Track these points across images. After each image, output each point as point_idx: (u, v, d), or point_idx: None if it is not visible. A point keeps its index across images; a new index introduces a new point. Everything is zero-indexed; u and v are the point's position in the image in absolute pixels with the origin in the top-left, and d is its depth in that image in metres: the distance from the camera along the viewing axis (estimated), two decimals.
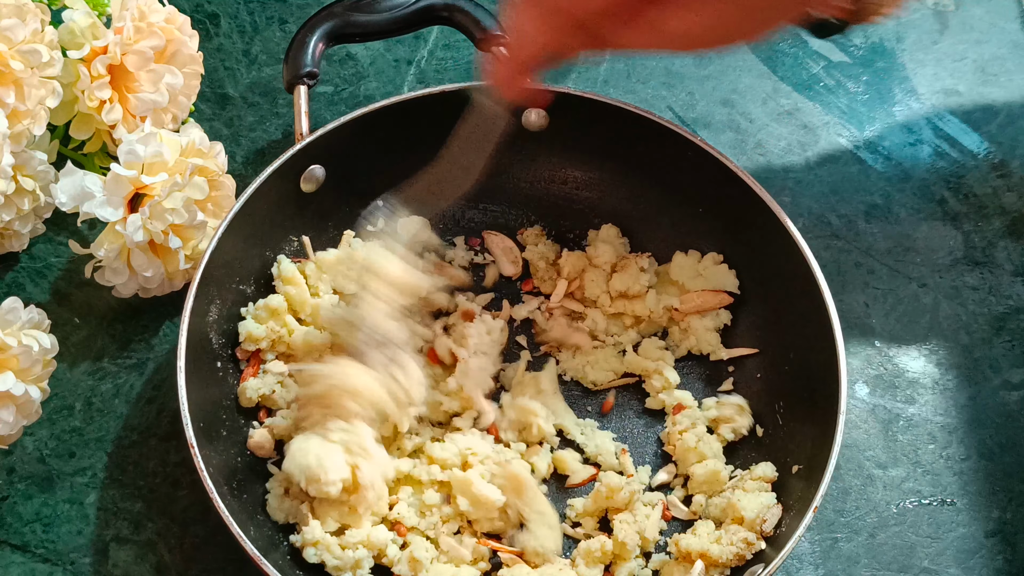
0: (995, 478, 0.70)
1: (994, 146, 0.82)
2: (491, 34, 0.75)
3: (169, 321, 0.73)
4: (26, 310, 0.63)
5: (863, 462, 0.70)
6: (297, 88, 0.73)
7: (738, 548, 0.61)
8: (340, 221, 0.73)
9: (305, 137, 0.70)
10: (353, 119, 0.70)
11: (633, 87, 0.84)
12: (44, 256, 0.75)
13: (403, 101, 0.71)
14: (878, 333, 0.74)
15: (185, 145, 0.68)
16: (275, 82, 0.83)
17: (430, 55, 0.85)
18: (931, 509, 0.69)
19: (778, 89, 0.85)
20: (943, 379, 0.73)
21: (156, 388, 0.71)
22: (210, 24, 0.85)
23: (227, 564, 0.65)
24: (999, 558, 0.67)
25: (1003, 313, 0.75)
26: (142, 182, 0.66)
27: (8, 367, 0.61)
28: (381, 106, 0.71)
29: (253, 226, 0.69)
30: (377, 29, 0.75)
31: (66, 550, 0.65)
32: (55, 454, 0.68)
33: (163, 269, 0.69)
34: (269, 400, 0.68)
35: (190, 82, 0.74)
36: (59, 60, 0.69)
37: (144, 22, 0.70)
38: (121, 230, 0.66)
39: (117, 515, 0.67)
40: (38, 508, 0.67)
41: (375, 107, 0.71)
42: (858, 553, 0.67)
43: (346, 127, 0.70)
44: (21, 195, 0.69)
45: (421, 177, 0.64)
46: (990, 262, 0.77)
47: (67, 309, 0.73)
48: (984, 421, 0.72)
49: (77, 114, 0.72)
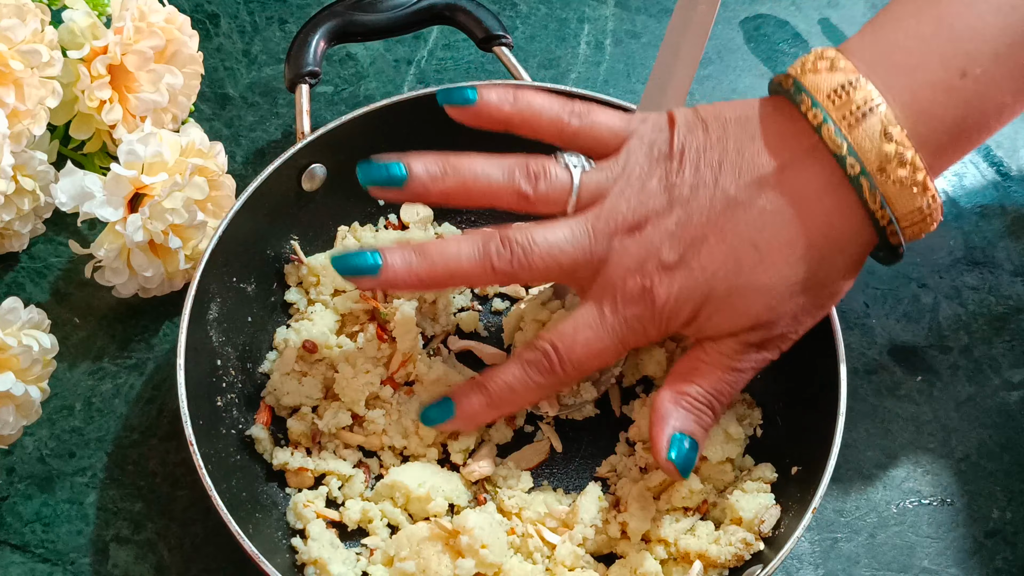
0: (995, 478, 0.70)
1: (994, 146, 0.82)
2: (492, 34, 0.75)
3: (169, 321, 0.73)
4: (26, 310, 0.63)
5: (863, 462, 0.70)
6: (299, 87, 0.73)
7: (736, 549, 0.61)
8: (341, 219, 0.74)
9: (306, 136, 0.70)
10: (353, 118, 0.70)
11: (633, 87, 0.84)
12: (44, 256, 0.75)
13: (403, 101, 0.71)
14: (878, 333, 0.74)
15: (185, 145, 0.68)
16: (275, 82, 0.83)
17: (430, 55, 0.85)
18: (931, 509, 0.69)
19: None
20: (943, 379, 0.73)
21: (156, 388, 0.71)
22: (210, 24, 0.85)
23: (227, 564, 0.65)
24: (999, 558, 0.67)
25: (1003, 313, 0.75)
26: (142, 182, 0.66)
27: (8, 367, 0.61)
28: (381, 106, 0.71)
29: (253, 226, 0.69)
30: (379, 28, 0.75)
31: (66, 550, 0.65)
32: (55, 454, 0.68)
33: (163, 269, 0.69)
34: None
35: (190, 82, 0.74)
36: (59, 60, 0.69)
37: (144, 22, 0.70)
38: (121, 230, 0.66)
39: (117, 515, 0.67)
40: (38, 508, 0.67)
41: (375, 107, 0.71)
42: (858, 553, 0.67)
43: (347, 126, 0.70)
44: (21, 195, 0.69)
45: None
46: (990, 262, 0.77)
47: (67, 309, 0.73)
48: (984, 421, 0.71)
49: (77, 114, 0.72)
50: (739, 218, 0.57)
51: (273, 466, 0.66)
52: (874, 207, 0.55)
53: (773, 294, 0.57)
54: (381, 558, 0.62)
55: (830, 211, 0.56)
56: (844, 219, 0.56)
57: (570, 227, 0.58)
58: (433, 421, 0.62)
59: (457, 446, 0.66)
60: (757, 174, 0.57)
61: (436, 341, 0.71)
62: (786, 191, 0.56)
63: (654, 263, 0.57)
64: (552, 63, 0.85)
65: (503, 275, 0.58)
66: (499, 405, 0.60)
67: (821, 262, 0.57)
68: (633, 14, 0.88)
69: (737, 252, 0.57)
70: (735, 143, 0.58)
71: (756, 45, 0.87)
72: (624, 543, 0.64)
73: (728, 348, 0.59)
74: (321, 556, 0.63)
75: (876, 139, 0.55)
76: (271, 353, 0.70)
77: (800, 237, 0.56)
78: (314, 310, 0.70)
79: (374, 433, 0.67)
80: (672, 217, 0.57)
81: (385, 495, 0.65)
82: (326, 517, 0.65)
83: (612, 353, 0.59)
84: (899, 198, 0.55)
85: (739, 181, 0.57)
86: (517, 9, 0.88)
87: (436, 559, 0.60)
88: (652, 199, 0.58)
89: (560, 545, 0.63)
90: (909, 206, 0.56)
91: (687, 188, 0.57)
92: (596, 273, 0.58)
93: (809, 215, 0.56)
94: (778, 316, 0.58)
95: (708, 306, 0.57)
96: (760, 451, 0.67)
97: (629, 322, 0.58)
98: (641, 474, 0.66)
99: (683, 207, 0.57)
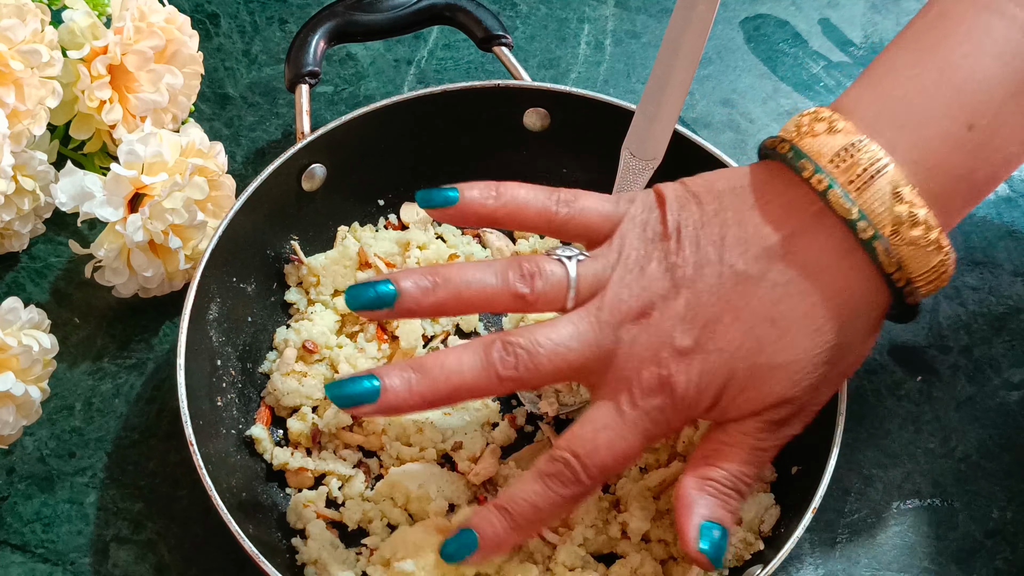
0: (995, 478, 0.70)
1: None
2: (492, 34, 0.75)
3: (169, 321, 0.73)
4: (26, 310, 0.63)
5: (863, 462, 0.70)
6: (299, 87, 0.73)
7: (736, 548, 0.61)
8: (341, 219, 0.74)
9: (306, 136, 0.70)
10: (353, 118, 0.70)
11: (633, 87, 0.84)
12: (44, 256, 0.75)
13: (403, 101, 0.71)
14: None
15: (185, 145, 0.68)
16: (275, 82, 0.83)
17: (430, 55, 0.85)
18: (931, 509, 0.69)
19: (778, 89, 0.85)
20: (943, 379, 0.73)
21: (156, 388, 0.71)
22: (210, 24, 0.85)
23: (227, 564, 0.65)
24: (999, 558, 0.67)
25: (1003, 313, 0.75)
26: (142, 182, 0.66)
27: (8, 367, 0.61)
28: (381, 106, 0.71)
29: (253, 225, 0.69)
30: (379, 28, 0.75)
31: (66, 550, 0.65)
32: (55, 454, 0.68)
33: (163, 269, 0.69)
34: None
35: (190, 82, 0.74)
36: (59, 60, 0.69)
37: (144, 22, 0.70)
38: (121, 230, 0.66)
39: (117, 515, 0.67)
40: (38, 508, 0.67)
41: (375, 107, 0.71)
42: (858, 553, 0.67)
43: (347, 126, 0.70)
44: (21, 195, 0.69)
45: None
46: (990, 262, 0.77)
47: (67, 309, 0.73)
48: (984, 421, 0.71)
49: (77, 114, 0.72)
50: (752, 293, 0.54)
51: (273, 466, 0.66)
52: (890, 269, 0.53)
53: (796, 369, 0.55)
54: (380, 559, 0.62)
55: (846, 276, 0.54)
56: (860, 283, 0.54)
57: (573, 323, 0.55)
58: (455, 557, 0.56)
59: (463, 454, 0.66)
60: (764, 245, 0.54)
61: (436, 341, 0.71)
62: (798, 261, 0.54)
63: (668, 350, 0.54)
64: (552, 63, 0.85)
65: (510, 382, 0.55)
66: (525, 527, 0.56)
67: (841, 330, 0.55)
68: (633, 14, 0.88)
69: (755, 330, 0.54)
70: (734, 215, 0.55)
71: (756, 45, 0.87)
72: (624, 543, 0.64)
73: (751, 428, 0.56)
74: (321, 556, 0.63)
75: (887, 201, 0.53)
76: (271, 353, 0.70)
77: (818, 307, 0.54)
78: (314, 310, 0.70)
79: (374, 433, 0.67)
80: (680, 300, 0.55)
81: (385, 495, 0.65)
82: (326, 517, 0.65)
83: (637, 450, 0.55)
84: (914, 258, 0.54)
85: (746, 255, 0.55)
86: (517, 9, 0.88)
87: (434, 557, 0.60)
88: (654, 283, 0.55)
89: (560, 545, 0.63)
90: (925, 265, 0.54)
91: (690, 268, 0.55)
92: (607, 368, 0.55)
93: (824, 283, 0.54)
94: (802, 391, 0.55)
95: (731, 388, 0.55)
96: None
97: (651, 415, 0.55)
98: (641, 474, 0.66)
99: (690, 288, 0.55)
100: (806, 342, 0.54)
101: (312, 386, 0.68)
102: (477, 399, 0.64)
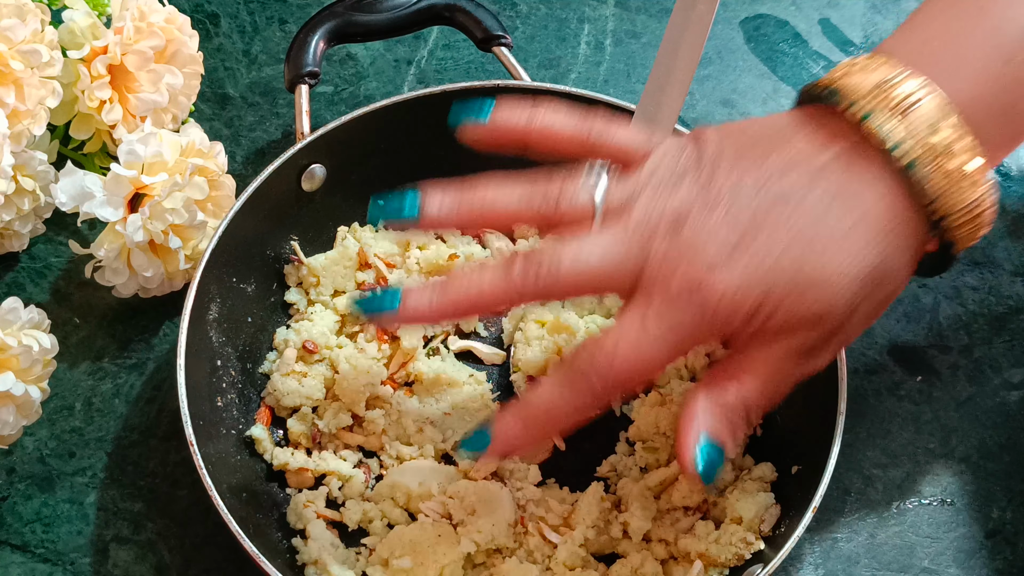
0: (995, 478, 0.70)
1: None
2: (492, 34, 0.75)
3: (169, 321, 0.73)
4: (26, 310, 0.63)
5: (863, 462, 0.70)
6: (298, 87, 0.73)
7: (737, 548, 0.61)
8: (341, 220, 0.74)
9: (306, 136, 0.70)
10: (353, 118, 0.70)
11: (633, 87, 0.84)
12: (44, 256, 0.75)
13: (403, 101, 0.71)
14: (878, 333, 0.74)
15: (185, 145, 0.68)
16: (275, 82, 0.83)
17: (430, 55, 0.85)
18: (931, 509, 0.69)
19: (778, 89, 0.85)
20: (943, 379, 0.73)
21: (156, 388, 0.71)
22: (210, 24, 0.85)
23: (227, 564, 0.65)
24: (999, 558, 0.67)
25: (1003, 313, 0.75)
26: (142, 182, 0.66)
27: (8, 367, 0.61)
28: (381, 106, 0.71)
29: (253, 226, 0.69)
30: (379, 29, 0.75)
31: (66, 550, 0.65)
32: (55, 454, 0.68)
33: (163, 269, 0.69)
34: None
35: (190, 82, 0.74)
36: (59, 60, 0.69)
37: (144, 22, 0.70)
38: (121, 230, 0.66)
39: (117, 515, 0.67)
40: (38, 508, 0.67)
41: (375, 107, 0.71)
42: (858, 553, 0.67)
43: (347, 127, 0.70)
44: (21, 195, 0.69)
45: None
46: (990, 262, 0.77)
47: (67, 309, 0.73)
48: (984, 421, 0.71)
49: (77, 114, 0.72)
50: (791, 213, 0.53)
51: (273, 466, 0.66)
52: (926, 200, 0.53)
53: (835, 285, 0.53)
54: (379, 558, 0.62)
55: (887, 203, 0.53)
56: (899, 212, 0.53)
57: (600, 236, 0.54)
58: (469, 453, 0.56)
59: None
60: (805, 169, 0.53)
61: (436, 341, 0.71)
62: (837, 182, 0.53)
63: (702, 261, 0.52)
64: (552, 63, 0.85)
65: (531, 292, 0.54)
66: (536, 427, 0.55)
67: (881, 255, 0.53)
68: (633, 14, 0.88)
69: (794, 246, 0.52)
70: (771, 146, 0.54)
71: (756, 45, 0.87)
72: (625, 543, 0.64)
73: (776, 354, 0.54)
74: (321, 556, 0.63)
75: (923, 131, 0.52)
76: (271, 353, 0.70)
77: (859, 228, 0.53)
78: (314, 310, 0.70)
79: (374, 433, 0.67)
80: (715, 216, 0.53)
81: (385, 495, 0.65)
82: (326, 517, 0.65)
83: (658, 364, 0.54)
84: (950, 192, 0.53)
85: (784, 178, 0.53)
86: (517, 9, 0.88)
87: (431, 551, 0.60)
88: (687, 200, 0.53)
89: (561, 545, 0.63)
90: (961, 200, 0.53)
91: (726, 190, 0.53)
92: (635, 280, 0.54)
93: (865, 208, 0.53)
94: (839, 311, 0.53)
95: (767, 304, 0.53)
96: (760, 451, 0.67)
97: (675, 329, 0.53)
98: (641, 474, 0.66)
99: (725, 205, 0.53)
100: (846, 261, 0.53)
101: (312, 386, 0.68)
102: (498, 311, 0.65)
